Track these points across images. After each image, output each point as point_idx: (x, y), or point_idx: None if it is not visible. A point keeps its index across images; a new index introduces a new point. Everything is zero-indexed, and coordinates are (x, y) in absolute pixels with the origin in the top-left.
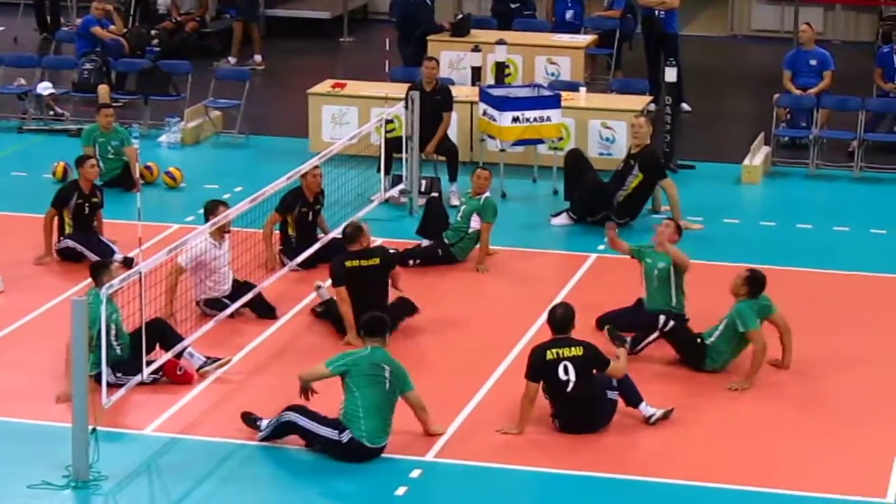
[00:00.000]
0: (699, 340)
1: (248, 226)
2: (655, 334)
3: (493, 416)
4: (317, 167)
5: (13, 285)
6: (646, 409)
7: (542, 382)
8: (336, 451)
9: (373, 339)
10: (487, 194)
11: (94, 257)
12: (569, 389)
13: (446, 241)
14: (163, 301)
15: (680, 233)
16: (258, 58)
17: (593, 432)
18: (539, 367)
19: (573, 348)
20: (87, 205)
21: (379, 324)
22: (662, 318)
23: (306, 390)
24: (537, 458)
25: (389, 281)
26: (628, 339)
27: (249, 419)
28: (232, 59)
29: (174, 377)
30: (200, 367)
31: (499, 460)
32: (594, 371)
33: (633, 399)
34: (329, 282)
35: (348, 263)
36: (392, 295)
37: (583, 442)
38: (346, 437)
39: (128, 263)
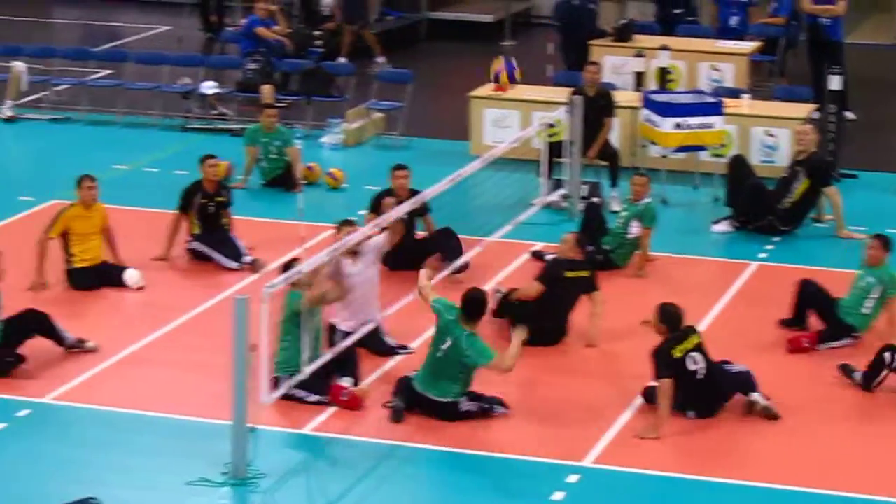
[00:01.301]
0: None
1: (414, 228)
2: (885, 372)
3: (651, 422)
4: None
5: (161, 282)
6: (758, 397)
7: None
8: (403, 390)
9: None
10: (648, 200)
11: (222, 260)
12: (699, 377)
13: (606, 246)
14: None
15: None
16: (381, 59)
17: (720, 407)
18: (668, 364)
19: (691, 338)
20: (211, 204)
21: (476, 306)
22: (888, 355)
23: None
24: (694, 466)
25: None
26: (858, 372)
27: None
28: (342, 59)
29: (339, 402)
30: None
31: (656, 467)
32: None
33: (749, 386)
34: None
35: (568, 273)
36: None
37: (737, 447)
38: (411, 374)
39: (255, 266)
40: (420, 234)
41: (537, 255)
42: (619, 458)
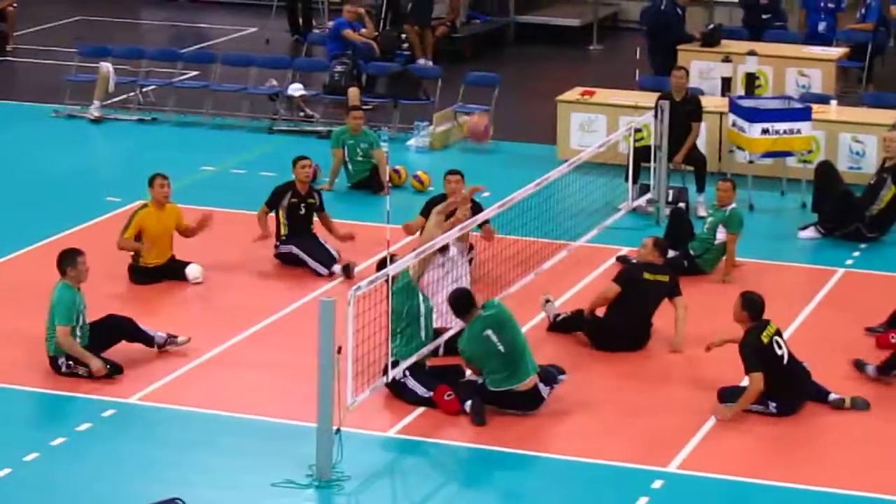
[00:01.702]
0: None
1: (500, 231)
2: None
3: (735, 428)
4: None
5: (249, 284)
6: (835, 398)
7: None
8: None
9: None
10: (734, 205)
11: (314, 265)
12: (785, 362)
13: (692, 252)
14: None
15: None
16: (422, 61)
17: (802, 398)
18: (759, 354)
19: (770, 326)
20: (302, 205)
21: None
22: None
23: None
24: (778, 472)
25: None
26: (870, 366)
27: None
28: (422, 61)
29: (442, 402)
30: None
31: (742, 473)
32: None
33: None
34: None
35: (646, 275)
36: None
37: (820, 453)
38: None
39: (347, 272)
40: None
41: (622, 260)
42: (704, 465)
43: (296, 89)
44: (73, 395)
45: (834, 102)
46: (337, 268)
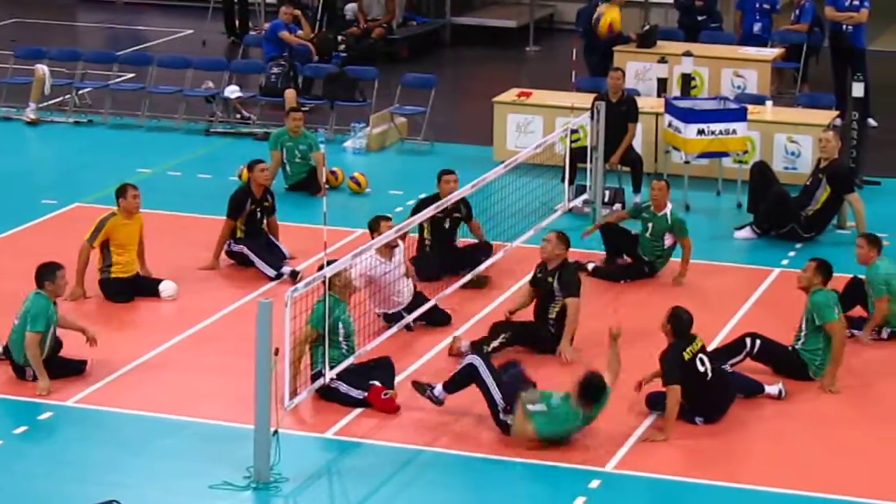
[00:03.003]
0: (790, 349)
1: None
2: (741, 357)
3: (658, 425)
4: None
5: (191, 287)
6: (770, 390)
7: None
8: (493, 417)
9: (587, 402)
10: (670, 207)
11: (262, 266)
12: (709, 379)
13: (645, 258)
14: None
15: (877, 247)
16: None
17: (727, 409)
18: (678, 368)
19: (697, 342)
20: (258, 209)
21: (595, 389)
22: (749, 340)
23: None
24: (713, 470)
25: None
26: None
27: (420, 386)
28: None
29: (378, 401)
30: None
31: (677, 472)
32: None
33: (756, 389)
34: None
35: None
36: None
37: (754, 451)
38: (509, 419)
39: (294, 277)
40: (463, 241)
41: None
42: (640, 464)
43: (232, 91)
44: (10, 397)
45: (769, 103)
46: (286, 269)
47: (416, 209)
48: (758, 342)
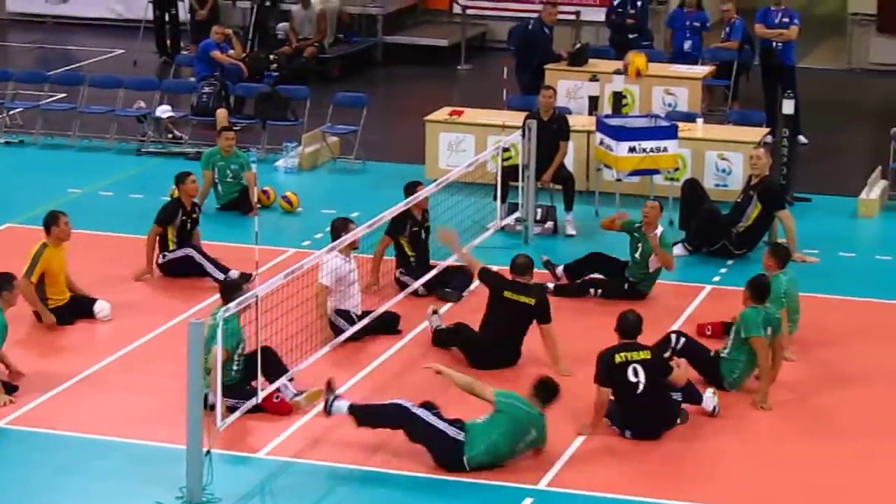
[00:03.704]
0: (712, 354)
1: (366, 252)
2: (668, 353)
3: (604, 446)
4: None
5: (125, 307)
6: (707, 403)
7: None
8: (440, 445)
9: (540, 401)
10: (660, 230)
11: (210, 268)
12: (639, 392)
13: (631, 278)
14: (277, 326)
15: (779, 259)
16: None
17: (659, 436)
18: (609, 370)
19: (641, 352)
20: (188, 221)
21: (551, 390)
22: (674, 336)
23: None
24: (647, 487)
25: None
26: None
27: (330, 392)
28: None
29: (270, 405)
30: (292, 398)
31: (611, 490)
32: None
33: (696, 398)
34: (443, 309)
35: (507, 293)
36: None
37: (688, 467)
38: (461, 437)
39: (246, 279)
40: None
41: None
42: (573, 482)
43: (164, 111)
44: None
45: (700, 120)
46: (234, 273)
47: (395, 225)
48: (682, 340)
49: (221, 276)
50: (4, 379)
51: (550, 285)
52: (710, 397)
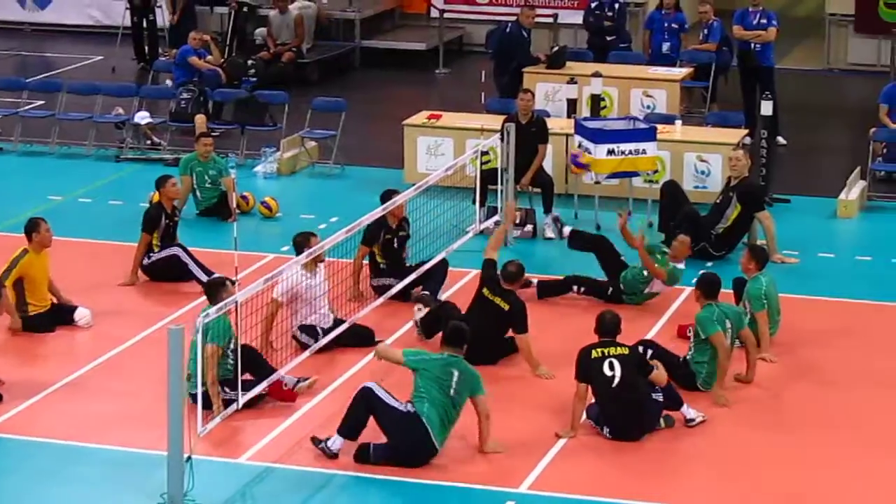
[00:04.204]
0: (681, 360)
1: (344, 256)
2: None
3: (585, 448)
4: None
5: (106, 314)
6: (687, 411)
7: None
8: (399, 423)
9: (451, 347)
10: (682, 264)
11: (195, 269)
12: (614, 385)
13: (622, 286)
14: (258, 330)
15: (757, 261)
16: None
17: (640, 437)
18: (586, 365)
19: (618, 348)
20: (170, 224)
21: (458, 333)
22: (642, 347)
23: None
24: (628, 489)
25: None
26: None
27: (316, 441)
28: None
29: (280, 394)
30: (295, 386)
31: (592, 492)
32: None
33: (676, 403)
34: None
35: (485, 291)
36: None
37: (667, 469)
38: (411, 408)
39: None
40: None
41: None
42: (554, 485)
43: (142, 117)
44: None
45: (679, 122)
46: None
47: (370, 234)
48: (649, 351)
49: (205, 279)
50: None
51: (534, 281)
52: (689, 409)
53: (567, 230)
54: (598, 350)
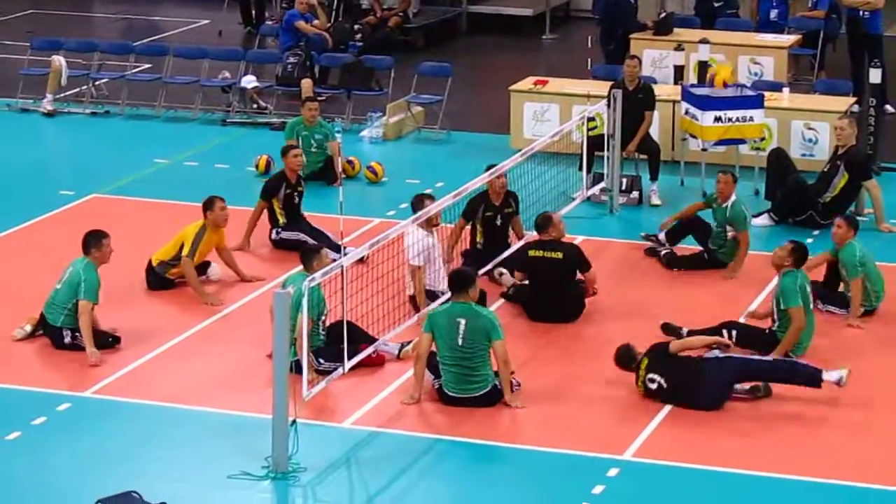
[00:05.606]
0: (767, 332)
1: (451, 221)
2: (726, 346)
3: (688, 417)
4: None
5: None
6: (829, 375)
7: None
8: (438, 397)
9: (455, 294)
10: (734, 199)
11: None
12: (665, 389)
13: (711, 246)
14: (363, 295)
15: (855, 229)
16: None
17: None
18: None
19: (641, 364)
20: (295, 194)
21: (461, 278)
22: (725, 332)
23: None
24: (732, 459)
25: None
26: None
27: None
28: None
29: (367, 358)
30: (399, 352)
31: (696, 461)
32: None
33: (813, 380)
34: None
35: (531, 252)
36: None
37: (773, 439)
38: (437, 384)
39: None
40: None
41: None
42: (658, 452)
43: (249, 81)
44: (28, 388)
45: (786, 90)
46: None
47: (469, 208)
48: (734, 332)
49: (336, 257)
50: (106, 329)
51: (663, 251)
52: (830, 372)
53: (661, 236)
54: (640, 378)
